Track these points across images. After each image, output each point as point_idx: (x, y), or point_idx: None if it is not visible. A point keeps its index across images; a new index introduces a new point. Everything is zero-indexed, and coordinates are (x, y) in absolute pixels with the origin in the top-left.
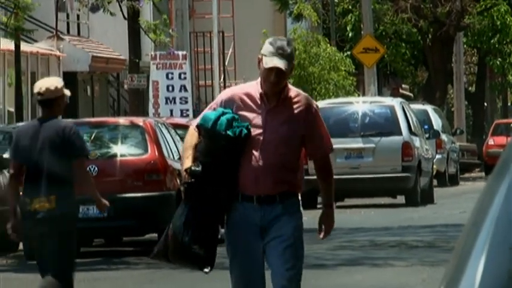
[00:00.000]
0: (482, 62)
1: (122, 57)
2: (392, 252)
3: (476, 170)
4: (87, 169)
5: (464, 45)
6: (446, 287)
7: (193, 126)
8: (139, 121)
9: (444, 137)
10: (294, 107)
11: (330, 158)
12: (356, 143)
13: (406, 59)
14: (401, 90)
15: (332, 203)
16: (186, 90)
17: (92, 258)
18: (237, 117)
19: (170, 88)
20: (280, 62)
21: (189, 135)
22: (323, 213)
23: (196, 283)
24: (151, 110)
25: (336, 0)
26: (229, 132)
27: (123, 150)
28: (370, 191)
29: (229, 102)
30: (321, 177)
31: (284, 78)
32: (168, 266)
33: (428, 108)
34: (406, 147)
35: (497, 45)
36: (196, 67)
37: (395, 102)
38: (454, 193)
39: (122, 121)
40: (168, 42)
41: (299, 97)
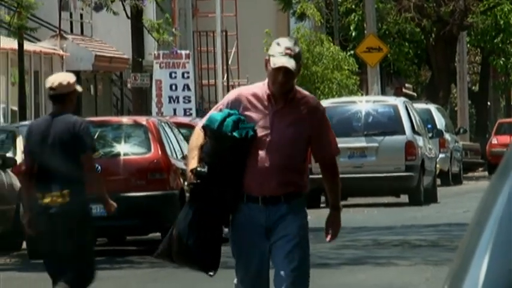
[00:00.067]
0: (486, 61)
1: (125, 56)
2: (396, 251)
3: (480, 169)
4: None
5: (468, 45)
6: (450, 286)
7: (199, 127)
8: (142, 120)
9: (447, 136)
10: (301, 109)
11: (336, 160)
12: (359, 142)
13: (409, 58)
14: (404, 90)
15: (339, 205)
16: (189, 89)
17: (95, 257)
18: (243, 118)
19: (173, 87)
20: (288, 62)
21: (195, 136)
22: (330, 215)
23: (199, 282)
24: (154, 109)
25: None
26: (235, 133)
27: (127, 149)
28: (374, 190)
29: (236, 103)
30: (327, 179)
31: (292, 78)
32: (171, 265)
33: (432, 107)
34: (410, 147)
35: (500, 45)
36: (200, 66)
37: (398, 102)
38: (457, 192)
39: (125, 120)
40: (171, 41)
41: (306, 99)
